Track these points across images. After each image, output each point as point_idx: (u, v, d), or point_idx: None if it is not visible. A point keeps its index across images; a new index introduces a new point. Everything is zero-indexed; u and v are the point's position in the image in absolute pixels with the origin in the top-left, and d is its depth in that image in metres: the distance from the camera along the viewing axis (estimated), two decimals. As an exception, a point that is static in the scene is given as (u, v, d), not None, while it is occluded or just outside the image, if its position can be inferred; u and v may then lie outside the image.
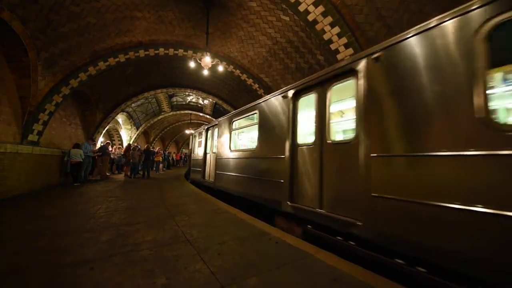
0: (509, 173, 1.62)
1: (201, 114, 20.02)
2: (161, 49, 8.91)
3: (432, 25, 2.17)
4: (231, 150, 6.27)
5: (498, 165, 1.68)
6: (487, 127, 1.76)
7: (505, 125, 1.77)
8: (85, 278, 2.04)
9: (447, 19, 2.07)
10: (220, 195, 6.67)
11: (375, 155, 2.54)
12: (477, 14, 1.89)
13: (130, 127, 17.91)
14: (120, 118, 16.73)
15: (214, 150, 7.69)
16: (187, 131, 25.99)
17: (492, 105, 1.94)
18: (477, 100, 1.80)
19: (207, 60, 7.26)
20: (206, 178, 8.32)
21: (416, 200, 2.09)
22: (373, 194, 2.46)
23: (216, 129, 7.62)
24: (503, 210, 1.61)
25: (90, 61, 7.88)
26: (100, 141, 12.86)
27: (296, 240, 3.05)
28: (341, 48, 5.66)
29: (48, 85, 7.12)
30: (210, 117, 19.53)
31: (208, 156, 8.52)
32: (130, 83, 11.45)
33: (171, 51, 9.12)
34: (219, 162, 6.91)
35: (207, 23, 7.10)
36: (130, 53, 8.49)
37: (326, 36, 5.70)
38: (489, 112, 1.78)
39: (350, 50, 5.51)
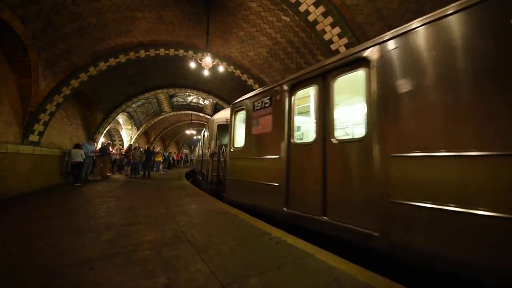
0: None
1: (201, 114, 20.05)
2: (162, 50, 8.93)
3: None
4: None
5: None
6: None
7: None
8: (85, 278, 2.03)
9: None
10: None
11: None
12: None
13: (130, 127, 17.94)
14: (121, 118, 16.75)
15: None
16: (188, 132, 26.04)
17: None
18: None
19: (207, 60, 7.27)
20: (314, 211, 3.23)
21: None
22: None
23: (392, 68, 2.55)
24: None
25: (90, 62, 7.89)
26: (101, 141, 12.88)
27: (297, 240, 3.04)
28: (342, 49, 5.65)
29: (49, 86, 7.13)
30: (210, 117, 19.54)
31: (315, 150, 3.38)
32: (131, 83, 11.47)
33: (171, 52, 9.13)
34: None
35: (208, 23, 7.11)
36: (131, 53, 8.50)
37: (326, 37, 5.69)
38: None
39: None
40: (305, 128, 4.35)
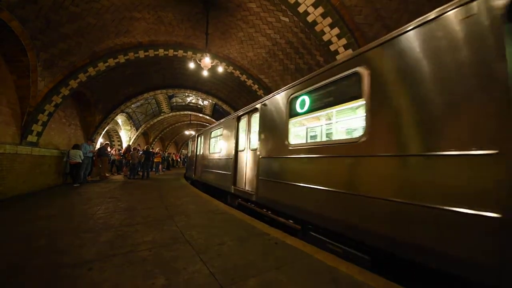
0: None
1: (200, 115, 20.03)
2: (161, 50, 8.92)
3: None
4: None
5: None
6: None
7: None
8: (84, 279, 2.03)
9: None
10: None
11: None
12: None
13: (129, 128, 17.91)
14: (120, 119, 16.73)
15: None
16: (187, 132, 26.03)
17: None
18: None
19: (206, 61, 7.26)
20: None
21: None
22: None
23: None
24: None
25: (89, 62, 7.87)
26: (100, 142, 12.85)
27: (296, 241, 3.04)
28: (341, 49, 5.67)
29: (48, 86, 7.11)
30: (210, 118, 19.55)
31: None
32: (130, 84, 11.45)
33: (170, 52, 9.12)
34: None
35: (207, 23, 7.11)
36: (130, 54, 8.49)
37: (325, 37, 5.71)
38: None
39: (350, 51, 5.51)
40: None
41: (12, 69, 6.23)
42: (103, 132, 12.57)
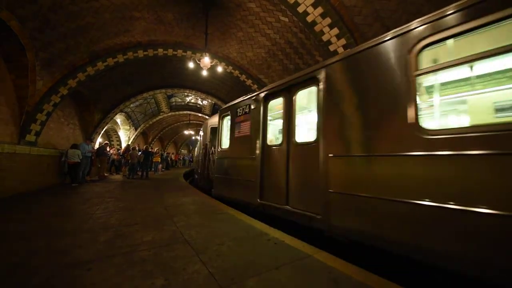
0: None
1: (199, 114, 20.03)
2: (160, 50, 8.91)
3: None
4: None
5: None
6: None
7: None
8: (83, 279, 2.02)
9: None
10: None
11: None
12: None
13: (128, 127, 17.86)
14: (119, 118, 16.69)
15: None
16: (186, 132, 26.01)
17: None
18: None
19: (206, 60, 7.26)
20: None
21: None
22: None
23: None
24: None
25: (88, 61, 7.86)
26: (99, 141, 12.82)
27: (295, 241, 3.04)
28: (340, 50, 5.67)
29: (46, 85, 7.09)
30: (209, 117, 19.56)
31: None
32: (129, 83, 11.43)
33: (170, 52, 9.11)
34: None
35: (206, 23, 7.11)
36: (129, 53, 8.47)
37: (325, 37, 5.71)
38: None
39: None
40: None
41: (11, 69, 6.21)
42: (102, 132, 12.55)
